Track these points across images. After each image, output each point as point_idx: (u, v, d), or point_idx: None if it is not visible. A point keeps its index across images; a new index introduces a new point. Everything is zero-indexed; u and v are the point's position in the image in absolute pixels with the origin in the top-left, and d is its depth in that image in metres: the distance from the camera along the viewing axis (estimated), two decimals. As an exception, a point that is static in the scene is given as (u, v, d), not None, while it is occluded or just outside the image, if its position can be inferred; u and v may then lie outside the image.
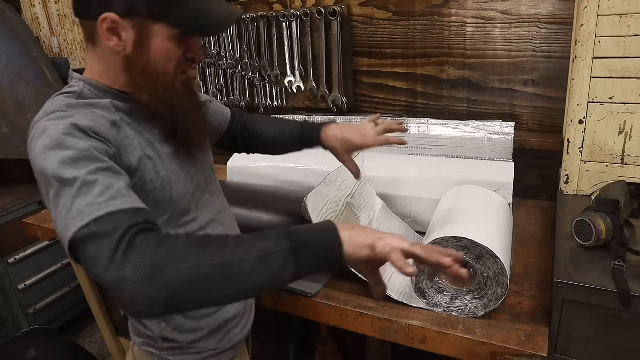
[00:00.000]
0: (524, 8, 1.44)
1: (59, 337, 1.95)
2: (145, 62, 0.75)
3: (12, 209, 2.13)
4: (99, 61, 0.78)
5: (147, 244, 0.60)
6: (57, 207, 0.64)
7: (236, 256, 0.61)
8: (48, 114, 0.71)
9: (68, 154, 0.65)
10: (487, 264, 0.94)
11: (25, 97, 2.24)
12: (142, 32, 0.73)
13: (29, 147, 0.71)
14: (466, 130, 1.52)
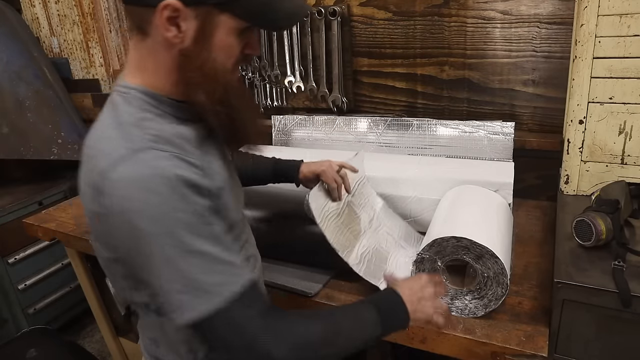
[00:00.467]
0: (524, 8, 1.44)
1: (59, 337, 1.95)
2: (205, 58, 0.67)
3: (12, 209, 2.13)
4: (147, 55, 0.70)
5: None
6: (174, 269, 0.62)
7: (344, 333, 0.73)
8: (135, 151, 0.63)
9: (182, 218, 0.62)
10: (487, 264, 0.94)
11: (25, 97, 2.24)
12: (206, 23, 0.65)
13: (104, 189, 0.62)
14: (466, 130, 1.52)
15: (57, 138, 2.29)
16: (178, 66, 0.68)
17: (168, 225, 0.61)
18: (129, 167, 0.62)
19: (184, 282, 0.62)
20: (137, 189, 0.61)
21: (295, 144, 1.84)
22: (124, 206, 0.61)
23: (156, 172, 0.62)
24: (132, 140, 0.65)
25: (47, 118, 2.29)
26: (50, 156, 2.26)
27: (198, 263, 0.63)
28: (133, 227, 0.61)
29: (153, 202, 0.61)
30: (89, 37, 2.49)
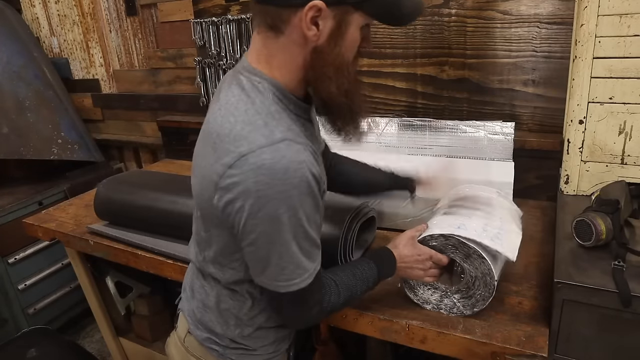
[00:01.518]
0: (524, 8, 1.44)
1: (59, 337, 1.95)
2: (337, 53, 0.72)
3: (12, 209, 2.13)
4: (277, 52, 0.74)
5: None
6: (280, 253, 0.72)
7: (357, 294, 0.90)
8: (274, 142, 0.68)
9: (307, 210, 0.71)
10: (475, 263, 0.94)
11: (25, 97, 2.24)
12: (343, 21, 0.71)
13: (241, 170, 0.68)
14: (466, 130, 1.52)
15: (57, 138, 2.29)
16: (310, 63, 0.74)
17: (297, 214, 0.70)
18: (270, 155, 0.67)
19: (294, 262, 0.73)
20: (278, 179, 0.67)
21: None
22: (260, 190, 0.67)
23: (295, 165, 0.68)
24: (270, 129, 0.70)
25: (47, 118, 2.29)
26: (50, 156, 2.26)
27: (305, 247, 0.74)
28: (264, 211, 0.68)
29: (291, 193, 0.68)
30: (89, 37, 2.49)
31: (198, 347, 0.94)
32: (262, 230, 0.70)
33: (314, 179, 0.70)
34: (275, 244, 0.72)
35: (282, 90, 0.76)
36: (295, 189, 0.68)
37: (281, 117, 0.73)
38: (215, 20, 1.96)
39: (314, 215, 0.73)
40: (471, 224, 0.97)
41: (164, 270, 1.34)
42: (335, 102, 0.76)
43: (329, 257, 1.13)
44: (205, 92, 2.13)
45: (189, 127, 2.16)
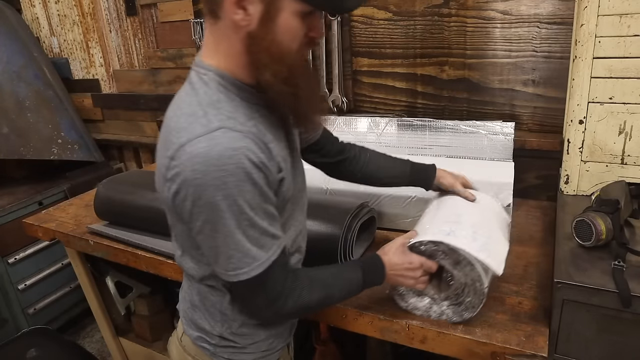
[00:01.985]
0: (524, 8, 1.44)
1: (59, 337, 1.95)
2: (271, 40, 0.71)
3: (12, 209, 2.13)
4: (220, 38, 0.74)
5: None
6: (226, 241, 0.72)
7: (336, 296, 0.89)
8: (210, 130, 0.69)
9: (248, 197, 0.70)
10: (464, 270, 0.91)
11: (25, 97, 2.24)
12: (271, 6, 0.69)
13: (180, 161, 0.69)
14: (466, 130, 1.52)
15: (57, 138, 2.29)
16: (246, 48, 0.72)
17: (236, 202, 0.69)
18: (205, 143, 0.68)
19: (241, 250, 0.73)
20: (212, 165, 0.67)
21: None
22: (197, 179, 0.68)
23: (229, 152, 0.68)
24: (209, 119, 0.71)
25: (47, 118, 2.29)
26: (50, 156, 2.26)
27: (253, 235, 0.73)
28: (204, 199, 0.69)
29: (226, 180, 0.68)
30: (89, 37, 2.49)
31: (192, 347, 0.94)
32: (205, 218, 0.71)
33: (253, 166, 0.70)
34: (218, 232, 0.72)
35: (228, 78, 0.75)
36: (232, 176, 0.68)
37: (224, 105, 0.73)
38: (215, 20, 1.96)
39: (260, 204, 0.73)
40: (461, 231, 0.94)
41: (163, 270, 1.34)
42: (274, 90, 0.74)
43: (329, 257, 1.14)
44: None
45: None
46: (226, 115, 0.72)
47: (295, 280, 0.82)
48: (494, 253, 0.92)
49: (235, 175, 0.68)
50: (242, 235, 0.72)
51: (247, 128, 0.72)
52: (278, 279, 0.79)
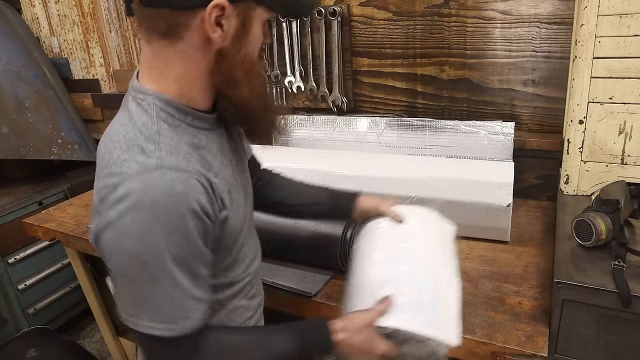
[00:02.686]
0: (524, 8, 1.44)
1: (59, 337, 1.95)
2: (244, 54, 0.67)
3: (12, 209, 2.13)
4: (174, 61, 0.67)
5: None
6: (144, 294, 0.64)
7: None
8: (148, 169, 0.61)
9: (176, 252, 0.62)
10: (416, 345, 0.79)
11: (25, 97, 2.24)
12: (246, 19, 0.66)
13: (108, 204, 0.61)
14: (466, 131, 1.52)
15: (57, 138, 2.29)
16: (216, 67, 0.67)
17: (161, 254, 0.62)
18: (140, 185, 0.60)
19: (153, 304, 0.65)
20: (143, 212, 0.60)
21: (296, 144, 1.84)
22: (127, 223, 0.60)
23: (165, 199, 0.60)
24: (147, 155, 0.62)
25: (47, 118, 2.29)
26: (50, 156, 2.26)
27: (173, 294, 0.65)
28: (129, 247, 0.61)
29: (156, 229, 0.60)
30: (89, 37, 2.49)
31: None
32: (125, 266, 0.63)
33: (191, 214, 0.62)
34: (137, 281, 0.64)
35: (174, 104, 0.68)
36: (162, 227, 0.60)
37: (165, 139, 0.65)
38: (215, 20, 1.96)
39: (188, 261, 0.65)
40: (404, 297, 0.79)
41: (164, 270, 1.34)
42: (251, 107, 0.70)
43: (329, 258, 1.14)
44: (205, 92, 2.13)
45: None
46: (167, 151, 0.63)
47: (206, 347, 0.71)
48: (443, 317, 0.80)
49: (167, 225, 0.60)
50: (161, 292, 0.64)
51: (191, 165, 0.65)
52: (190, 345, 0.69)
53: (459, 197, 1.28)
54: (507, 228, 1.25)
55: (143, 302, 0.65)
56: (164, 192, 0.60)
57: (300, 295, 1.11)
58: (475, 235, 1.29)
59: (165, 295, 0.64)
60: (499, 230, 1.26)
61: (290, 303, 1.13)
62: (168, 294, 0.64)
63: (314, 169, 1.50)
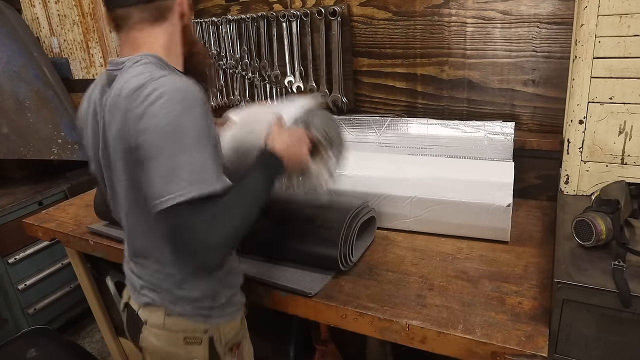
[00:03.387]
0: (524, 8, 1.44)
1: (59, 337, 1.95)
2: (190, 24, 0.95)
3: (12, 209, 2.13)
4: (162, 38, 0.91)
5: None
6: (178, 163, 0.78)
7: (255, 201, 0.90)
8: (167, 75, 0.83)
9: (196, 125, 0.80)
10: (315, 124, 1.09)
11: (25, 97, 2.24)
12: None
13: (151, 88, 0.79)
14: (466, 131, 1.52)
15: (57, 138, 2.29)
16: (183, 36, 0.95)
17: (198, 123, 0.80)
18: (168, 80, 0.81)
19: (190, 171, 0.78)
20: (181, 92, 0.80)
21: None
22: (155, 110, 0.78)
23: (191, 87, 0.82)
24: (162, 71, 0.84)
25: (47, 118, 2.29)
26: (50, 156, 2.26)
27: (202, 159, 0.79)
28: (174, 117, 0.78)
29: (192, 105, 0.80)
30: (89, 37, 2.49)
31: (181, 322, 0.98)
32: (169, 135, 0.78)
33: (203, 101, 0.83)
34: (180, 146, 0.78)
35: (164, 61, 0.90)
36: (195, 103, 0.81)
37: (170, 70, 0.89)
38: (215, 20, 1.96)
39: (213, 136, 0.84)
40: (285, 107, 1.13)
41: (164, 270, 1.34)
42: (203, 66, 0.97)
43: (329, 258, 1.14)
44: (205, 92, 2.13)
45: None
46: (174, 73, 0.87)
47: (221, 217, 0.83)
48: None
49: (185, 105, 0.79)
50: (203, 151, 0.80)
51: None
52: (221, 202, 0.81)
53: (458, 197, 1.28)
54: (507, 228, 1.25)
55: (179, 170, 0.77)
56: (179, 85, 0.81)
57: (300, 295, 1.11)
58: (475, 235, 1.29)
59: (196, 159, 0.79)
60: (499, 230, 1.26)
61: (290, 303, 1.14)
62: (198, 159, 0.79)
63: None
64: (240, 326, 1.08)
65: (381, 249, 1.30)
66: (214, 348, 1.01)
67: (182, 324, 0.99)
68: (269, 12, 1.82)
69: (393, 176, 1.39)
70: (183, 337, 0.99)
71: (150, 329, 1.01)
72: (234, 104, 2.07)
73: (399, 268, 1.19)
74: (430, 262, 1.21)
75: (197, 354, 1.00)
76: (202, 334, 0.99)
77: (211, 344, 1.00)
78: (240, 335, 1.09)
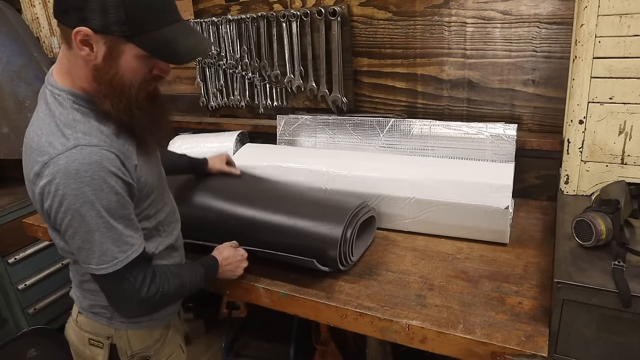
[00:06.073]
0: (524, 8, 1.44)
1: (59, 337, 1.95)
2: (114, 74, 0.83)
3: (12, 209, 2.13)
4: (73, 63, 0.85)
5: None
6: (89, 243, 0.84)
7: (187, 285, 1.02)
8: (69, 148, 0.81)
9: (104, 203, 0.83)
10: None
11: (25, 97, 2.24)
12: (113, 49, 0.81)
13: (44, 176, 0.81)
14: (468, 132, 1.52)
15: (57, 138, 2.29)
16: (93, 77, 0.84)
17: (94, 207, 0.82)
18: (64, 160, 0.80)
19: (98, 249, 0.84)
20: (71, 179, 0.80)
21: (299, 144, 1.84)
22: (59, 190, 0.80)
23: (85, 167, 0.80)
24: (66, 138, 0.82)
25: (47, 118, 2.28)
26: (50, 156, 2.26)
27: (110, 236, 0.84)
28: (67, 206, 0.81)
29: (84, 190, 0.80)
30: (89, 37, 2.49)
31: (88, 322, 1.04)
32: (68, 223, 0.83)
33: (110, 174, 0.83)
34: (79, 234, 0.83)
35: (81, 96, 0.86)
36: (88, 186, 0.80)
37: (78, 124, 0.84)
38: (215, 20, 1.96)
39: (117, 210, 0.85)
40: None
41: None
42: (113, 117, 0.86)
43: (329, 258, 1.14)
44: (205, 92, 2.13)
45: (189, 126, 2.16)
46: (82, 133, 0.83)
47: (155, 272, 0.94)
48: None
49: (91, 185, 0.80)
50: (101, 236, 0.83)
51: (101, 141, 0.84)
52: (140, 271, 0.90)
53: (457, 198, 1.28)
54: (506, 230, 1.25)
55: (91, 249, 0.84)
56: (84, 162, 0.80)
57: (299, 296, 1.11)
58: (473, 237, 1.29)
59: (106, 239, 0.84)
60: (498, 232, 1.25)
61: (290, 303, 1.14)
62: (108, 237, 0.84)
63: (314, 169, 1.50)
64: (155, 339, 1.08)
65: (381, 249, 1.30)
66: (116, 356, 1.04)
67: (88, 324, 1.04)
68: (269, 12, 1.82)
69: (392, 177, 1.39)
70: (88, 338, 1.05)
71: (70, 322, 1.10)
72: (234, 104, 2.07)
73: (399, 268, 1.19)
74: (430, 262, 1.21)
75: (98, 357, 1.04)
76: (104, 339, 1.03)
77: (113, 351, 1.04)
78: (152, 350, 1.07)
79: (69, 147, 0.81)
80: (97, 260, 0.85)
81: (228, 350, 1.84)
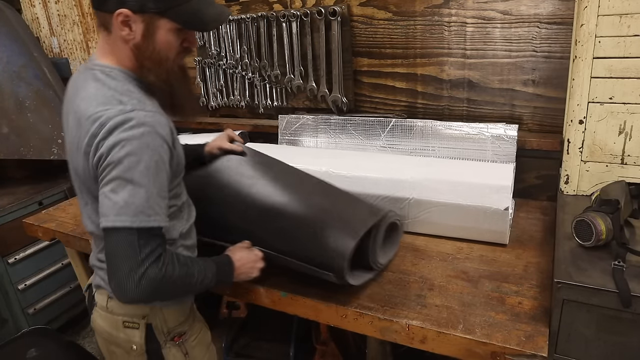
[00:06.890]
0: (524, 8, 1.44)
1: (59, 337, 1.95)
2: (152, 50, 0.92)
3: (12, 209, 2.13)
4: (114, 46, 0.93)
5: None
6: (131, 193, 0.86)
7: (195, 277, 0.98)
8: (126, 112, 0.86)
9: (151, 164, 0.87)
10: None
11: (25, 97, 2.24)
12: (150, 25, 0.90)
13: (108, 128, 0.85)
14: (469, 133, 1.52)
15: (57, 138, 2.29)
16: (134, 55, 0.93)
17: (141, 162, 0.86)
18: (122, 118, 0.86)
19: (125, 200, 0.85)
20: (127, 132, 0.85)
21: (300, 144, 1.84)
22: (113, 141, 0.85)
23: (142, 127, 0.86)
24: (123, 104, 0.88)
25: (47, 118, 2.28)
26: (50, 156, 2.26)
27: (141, 194, 0.86)
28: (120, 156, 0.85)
29: (139, 144, 0.85)
30: (89, 37, 2.49)
31: (120, 305, 1.03)
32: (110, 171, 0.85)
33: (162, 140, 0.88)
34: (116, 180, 0.85)
35: (130, 74, 0.95)
36: (143, 143, 0.85)
37: (133, 93, 0.91)
38: (215, 20, 1.96)
39: (158, 173, 0.88)
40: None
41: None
42: (157, 88, 0.95)
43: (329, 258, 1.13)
44: (205, 92, 2.13)
45: (189, 126, 2.16)
46: (137, 100, 0.90)
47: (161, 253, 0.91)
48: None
49: (145, 142, 0.86)
50: (133, 188, 0.85)
51: (154, 109, 0.91)
52: (149, 244, 0.88)
53: (456, 199, 1.28)
54: (505, 231, 1.25)
55: (117, 200, 0.85)
56: (140, 121, 0.86)
57: (299, 295, 1.11)
58: (473, 238, 1.29)
59: (136, 193, 0.85)
60: (497, 233, 1.25)
61: (290, 303, 1.14)
62: (139, 193, 0.85)
63: (314, 169, 1.50)
64: (187, 315, 1.10)
65: (381, 249, 1.30)
66: (152, 335, 1.04)
67: (121, 307, 1.03)
68: (269, 12, 1.82)
69: (391, 177, 1.38)
70: (122, 321, 1.04)
71: (98, 310, 1.09)
72: (234, 104, 2.07)
73: (399, 268, 1.19)
74: (430, 262, 1.21)
75: (134, 338, 1.04)
76: (139, 320, 1.03)
77: (149, 330, 1.04)
78: (186, 325, 1.10)
79: (126, 111, 0.86)
80: (117, 211, 0.85)
81: (228, 350, 1.84)
